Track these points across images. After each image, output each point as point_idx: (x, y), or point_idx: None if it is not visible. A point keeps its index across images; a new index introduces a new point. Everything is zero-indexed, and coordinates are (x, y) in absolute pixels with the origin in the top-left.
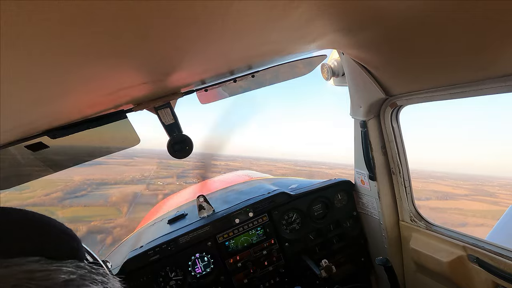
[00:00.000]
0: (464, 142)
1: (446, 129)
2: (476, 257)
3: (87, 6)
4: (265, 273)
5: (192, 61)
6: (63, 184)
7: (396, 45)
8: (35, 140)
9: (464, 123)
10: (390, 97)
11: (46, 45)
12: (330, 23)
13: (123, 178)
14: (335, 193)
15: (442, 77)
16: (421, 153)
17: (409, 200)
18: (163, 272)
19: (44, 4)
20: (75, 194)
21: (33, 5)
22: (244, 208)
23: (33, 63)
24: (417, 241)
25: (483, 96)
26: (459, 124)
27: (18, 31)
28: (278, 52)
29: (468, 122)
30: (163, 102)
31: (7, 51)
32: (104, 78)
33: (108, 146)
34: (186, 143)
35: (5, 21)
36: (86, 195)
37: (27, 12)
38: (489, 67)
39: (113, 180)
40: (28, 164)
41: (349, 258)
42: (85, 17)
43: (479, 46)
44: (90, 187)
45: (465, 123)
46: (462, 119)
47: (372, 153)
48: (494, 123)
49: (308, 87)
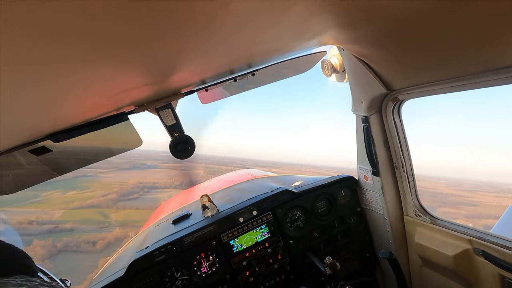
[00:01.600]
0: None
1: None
2: (482, 250)
3: (86, 8)
4: (271, 271)
5: (193, 61)
6: (118, 186)
7: (396, 39)
8: (39, 145)
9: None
10: (392, 92)
11: (47, 49)
12: (329, 19)
13: (172, 182)
14: (339, 190)
15: (443, 70)
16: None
17: (413, 195)
18: (169, 272)
19: (44, 7)
20: (128, 196)
21: (34, 8)
22: (248, 206)
23: (34, 67)
24: (422, 236)
25: (484, 88)
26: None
27: (19, 37)
28: (278, 49)
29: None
30: (164, 103)
31: (8, 57)
32: (106, 80)
33: (110, 148)
34: (188, 144)
35: (6, 26)
36: (138, 198)
37: (28, 16)
38: (489, 60)
39: (163, 184)
40: (32, 168)
41: (354, 254)
42: (85, 19)
43: (479, 39)
44: (142, 190)
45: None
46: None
47: (375, 148)
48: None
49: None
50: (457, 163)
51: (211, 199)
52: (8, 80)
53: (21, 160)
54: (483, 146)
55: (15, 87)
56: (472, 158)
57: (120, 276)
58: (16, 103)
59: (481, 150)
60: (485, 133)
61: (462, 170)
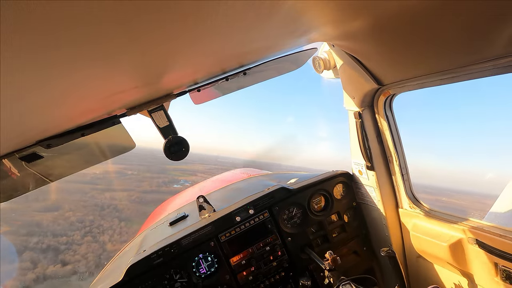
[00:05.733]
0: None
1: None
2: (476, 239)
3: (74, 10)
4: (269, 268)
5: (184, 61)
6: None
7: (386, 34)
8: (29, 151)
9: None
10: (383, 86)
11: (35, 54)
12: (318, 16)
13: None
14: (334, 185)
15: (433, 63)
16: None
17: (407, 187)
18: (168, 275)
19: (32, 12)
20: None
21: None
22: (245, 205)
23: (21, 73)
24: (417, 227)
25: (473, 80)
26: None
27: (6, 42)
28: (269, 48)
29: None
30: (157, 104)
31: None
32: (96, 84)
33: (103, 152)
34: (182, 145)
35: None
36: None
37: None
38: (478, 51)
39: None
40: (24, 176)
41: (351, 248)
42: (73, 22)
43: (468, 31)
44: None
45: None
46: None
47: (368, 143)
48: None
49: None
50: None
51: (207, 200)
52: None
53: (12, 168)
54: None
55: (3, 94)
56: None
57: (118, 281)
58: (5, 110)
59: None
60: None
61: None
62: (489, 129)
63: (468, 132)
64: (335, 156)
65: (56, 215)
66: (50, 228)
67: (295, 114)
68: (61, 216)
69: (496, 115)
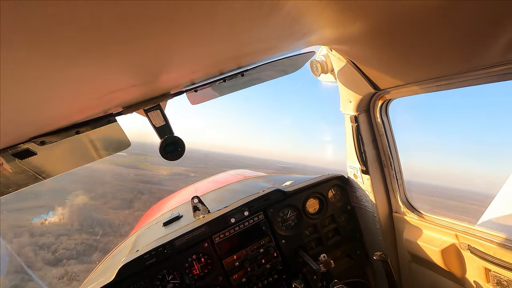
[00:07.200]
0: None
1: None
2: (468, 244)
3: (71, 7)
4: (263, 270)
5: (181, 61)
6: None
7: (383, 39)
8: (22, 147)
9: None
10: (379, 91)
11: (31, 50)
12: (317, 20)
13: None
14: (329, 188)
15: (429, 70)
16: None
17: (401, 192)
18: (160, 275)
19: (28, 7)
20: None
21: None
22: (239, 207)
23: (17, 69)
24: (411, 232)
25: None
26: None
27: (1, 37)
28: (267, 50)
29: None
30: (153, 104)
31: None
32: (92, 82)
33: (98, 151)
34: (178, 145)
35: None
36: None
37: (10, 17)
38: (474, 59)
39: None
40: (16, 173)
41: (345, 252)
42: (70, 18)
43: (465, 39)
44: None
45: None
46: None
47: (364, 147)
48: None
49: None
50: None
51: (202, 201)
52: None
53: (4, 164)
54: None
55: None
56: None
57: (110, 281)
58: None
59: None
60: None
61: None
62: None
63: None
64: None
65: (127, 214)
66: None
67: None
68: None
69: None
